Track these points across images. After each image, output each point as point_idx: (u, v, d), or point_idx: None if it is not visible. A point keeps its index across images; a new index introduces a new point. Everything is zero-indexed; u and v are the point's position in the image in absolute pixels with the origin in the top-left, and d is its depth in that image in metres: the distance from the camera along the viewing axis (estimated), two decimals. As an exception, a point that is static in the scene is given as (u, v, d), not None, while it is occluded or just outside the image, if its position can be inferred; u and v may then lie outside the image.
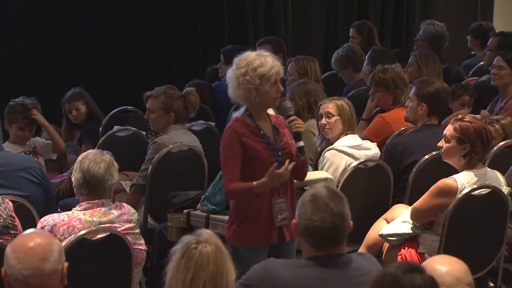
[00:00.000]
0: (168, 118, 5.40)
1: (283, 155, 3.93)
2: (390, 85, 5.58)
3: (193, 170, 5.36)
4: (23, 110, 5.46)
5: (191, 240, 2.75)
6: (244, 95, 3.91)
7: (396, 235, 4.45)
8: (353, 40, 7.59)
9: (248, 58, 3.91)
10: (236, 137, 3.89)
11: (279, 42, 7.32)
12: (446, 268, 2.66)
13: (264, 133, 3.94)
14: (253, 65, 3.87)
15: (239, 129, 3.90)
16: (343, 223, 2.95)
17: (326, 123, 4.95)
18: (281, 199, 3.92)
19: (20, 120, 5.47)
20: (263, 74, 3.87)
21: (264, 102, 3.93)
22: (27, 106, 5.48)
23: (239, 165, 3.88)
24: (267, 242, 3.93)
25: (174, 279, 2.72)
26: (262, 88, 3.88)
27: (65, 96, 6.39)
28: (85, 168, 3.80)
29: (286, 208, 3.93)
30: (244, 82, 3.87)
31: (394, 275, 2.46)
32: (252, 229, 3.90)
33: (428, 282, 2.47)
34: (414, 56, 6.47)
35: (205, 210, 4.61)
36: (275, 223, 3.92)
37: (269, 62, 3.89)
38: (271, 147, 3.92)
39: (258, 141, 3.91)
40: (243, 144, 3.88)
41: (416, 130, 5.19)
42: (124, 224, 3.85)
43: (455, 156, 4.38)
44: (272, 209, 3.91)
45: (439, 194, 4.32)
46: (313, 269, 2.95)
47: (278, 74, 3.93)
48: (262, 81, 3.87)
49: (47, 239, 2.79)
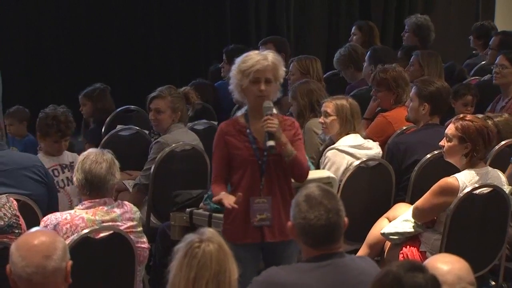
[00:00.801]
0: (174, 118, 5.42)
1: (270, 156, 3.90)
2: (392, 85, 5.58)
3: (196, 169, 5.37)
4: (55, 123, 5.00)
5: (194, 238, 2.74)
6: (237, 94, 3.95)
7: (398, 234, 4.45)
8: (353, 36, 7.61)
9: (244, 56, 3.93)
10: (221, 136, 3.93)
11: (282, 42, 7.32)
12: (448, 267, 2.66)
13: (250, 132, 3.93)
14: (240, 61, 3.90)
15: (226, 127, 3.94)
16: (338, 219, 2.95)
17: (323, 122, 4.97)
18: (262, 199, 3.90)
19: (54, 133, 5.02)
20: (243, 70, 3.86)
21: (249, 100, 3.91)
22: (59, 119, 5.02)
23: (223, 163, 3.91)
24: (246, 240, 3.91)
25: (177, 278, 2.72)
26: (242, 84, 3.87)
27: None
28: (87, 168, 3.80)
29: (268, 209, 3.90)
30: (234, 79, 3.91)
31: (396, 274, 2.46)
32: (233, 227, 3.93)
33: (430, 281, 2.47)
34: (416, 56, 6.47)
35: (208, 209, 4.62)
36: (252, 222, 3.89)
37: (253, 59, 3.86)
38: (254, 146, 3.91)
39: (242, 139, 3.92)
40: (226, 142, 3.91)
41: (418, 129, 5.19)
42: (126, 223, 3.85)
43: (456, 155, 4.39)
44: (250, 208, 3.89)
45: (441, 193, 4.33)
46: (313, 270, 2.95)
47: (262, 73, 3.85)
48: (243, 77, 3.86)
49: (51, 237, 2.79)
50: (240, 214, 3.91)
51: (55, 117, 5.03)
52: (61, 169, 5.00)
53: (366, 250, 4.59)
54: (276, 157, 3.92)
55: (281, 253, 3.97)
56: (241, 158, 3.90)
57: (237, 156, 3.91)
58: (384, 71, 5.62)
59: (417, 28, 7.51)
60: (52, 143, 5.03)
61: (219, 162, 3.94)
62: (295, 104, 5.54)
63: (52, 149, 5.03)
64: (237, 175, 3.90)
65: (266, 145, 3.86)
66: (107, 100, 6.53)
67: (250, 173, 3.90)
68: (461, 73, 7.19)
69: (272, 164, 3.93)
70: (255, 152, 3.91)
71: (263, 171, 3.91)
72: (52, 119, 5.01)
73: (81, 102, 6.45)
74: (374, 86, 5.71)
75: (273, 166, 3.93)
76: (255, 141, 3.92)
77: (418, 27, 7.51)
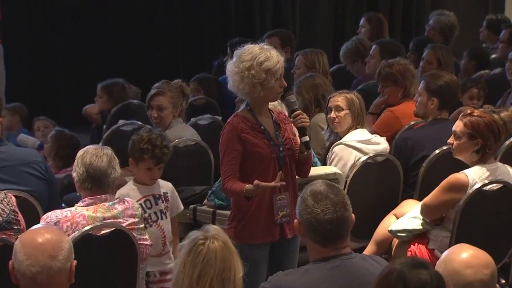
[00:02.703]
0: (175, 113, 5.37)
1: (285, 151, 3.89)
2: (399, 79, 5.53)
3: (199, 164, 5.32)
4: (151, 148, 4.37)
5: (198, 236, 2.74)
6: (247, 90, 3.86)
7: (405, 231, 4.42)
8: (361, 29, 7.53)
9: (253, 51, 3.86)
10: (235, 134, 3.85)
11: (287, 35, 7.28)
12: (468, 261, 2.64)
13: (264, 128, 3.90)
14: (258, 59, 3.83)
15: (239, 125, 3.87)
16: (345, 213, 2.94)
17: (335, 117, 4.89)
18: (282, 196, 3.89)
19: (148, 159, 4.36)
20: (269, 69, 3.83)
21: (268, 96, 3.89)
22: (154, 143, 4.39)
23: (237, 162, 3.85)
24: (268, 239, 3.90)
25: (181, 276, 2.71)
26: (268, 83, 3.84)
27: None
28: (87, 162, 3.76)
29: (288, 205, 3.89)
30: (248, 76, 3.83)
31: (400, 271, 2.46)
32: (252, 226, 3.87)
33: (434, 277, 2.48)
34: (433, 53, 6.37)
35: (212, 205, 4.57)
36: (275, 220, 3.88)
37: (274, 57, 3.86)
38: (271, 143, 3.88)
39: (259, 136, 3.88)
40: (243, 140, 3.84)
41: (426, 124, 5.15)
42: (128, 219, 3.81)
43: (467, 152, 4.33)
44: (272, 206, 3.87)
45: (449, 189, 4.28)
46: (321, 272, 2.92)
47: (282, 69, 3.89)
48: (268, 76, 3.83)
49: (57, 236, 2.78)
50: (263, 213, 3.87)
51: (150, 140, 4.39)
52: (154, 200, 4.39)
53: (373, 248, 4.55)
54: (290, 152, 3.92)
55: (287, 248, 3.95)
56: (261, 155, 3.86)
57: (256, 154, 3.85)
58: (389, 66, 5.58)
59: (447, 28, 7.47)
60: (145, 170, 4.37)
61: (233, 161, 3.85)
62: (300, 99, 5.47)
63: (145, 177, 4.38)
64: (256, 173, 3.82)
65: (302, 141, 3.89)
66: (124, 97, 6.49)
67: (272, 170, 3.86)
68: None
69: (287, 159, 3.91)
70: (274, 148, 3.88)
71: (280, 167, 3.88)
72: (147, 143, 4.38)
73: (98, 93, 6.46)
74: (380, 82, 5.65)
75: (288, 162, 3.92)
76: (270, 137, 3.89)
77: (449, 28, 7.47)
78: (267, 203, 3.87)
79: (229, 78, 3.91)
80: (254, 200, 3.84)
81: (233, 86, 3.90)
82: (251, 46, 3.90)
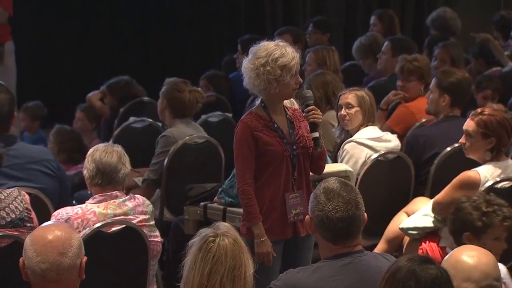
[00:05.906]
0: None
1: (298, 149, 3.88)
2: (425, 73, 5.52)
3: (210, 162, 5.31)
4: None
5: (209, 233, 2.74)
6: (263, 86, 3.84)
7: (416, 229, 4.40)
8: (373, 27, 7.50)
9: (268, 48, 3.85)
10: (248, 132, 3.83)
11: (299, 33, 7.27)
12: (474, 262, 2.61)
13: (278, 126, 3.88)
14: (274, 55, 3.82)
15: (252, 123, 3.85)
16: (357, 212, 2.93)
17: (346, 114, 4.86)
18: (295, 194, 3.87)
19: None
20: (284, 65, 3.82)
21: (283, 93, 3.88)
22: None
23: (252, 161, 3.82)
24: (281, 237, 3.88)
25: (191, 273, 2.71)
26: (283, 79, 3.83)
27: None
28: (97, 158, 3.77)
29: (301, 203, 3.87)
30: (264, 73, 3.81)
31: (409, 268, 2.47)
32: (265, 224, 3.85)
33: (442, 271, 2.48)
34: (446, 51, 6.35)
35: (222, 203, 4.56)
36: (288, 218, 3.86)
37: (289, 53, 3.84)
38: (285, 141, 3.86)
39: (272, 134, 3.86)
40: (256, 138, 3.83)
41: (438, 121, 5.13)
42: (138, 216, 3.81)
43: (480, 151, 4.32)
44: (285, 204, 3.85)
45: (461, 187, 4.26)
46: (332, 270, 2.91)
47: (298, 65, 3.88)
48: (283, 72, 3.82)
49: (67, 233, 2.79)
50: (276, 211, 3.85)
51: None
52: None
53: (384, 246, 4.54)
54: (304, 150, 3.90)
55: (301, 246, 3.94)
56: (274, 153, 3.83)
57: (269, 152, 3.83)
58: (416, 60, 5.55)
59: (441, 21, 7.44)
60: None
61: (250, 161, 3.82)
62: (309, 96, 5.44)
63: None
64: (268, 172, 3.82)
65: (312, 136, 3.88)
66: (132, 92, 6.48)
67: (285, 168, 3.84)
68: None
69: (301, 157, 3.89)
70: (287, 146, 3.86)
71: (294, 165, 3.86)
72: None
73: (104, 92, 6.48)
74: (405, 76, 5.58)
75: (302, 159, 3.90)
76: (283, 135, 3.87)
77: (440, 21, 7.44)
78: (280, 201, 3.85)
79: (245, 75, 3.89)
80: (266, 198, 3.83)
81: (248, 83, 3.88)
82: (266, 43, 3.89)
